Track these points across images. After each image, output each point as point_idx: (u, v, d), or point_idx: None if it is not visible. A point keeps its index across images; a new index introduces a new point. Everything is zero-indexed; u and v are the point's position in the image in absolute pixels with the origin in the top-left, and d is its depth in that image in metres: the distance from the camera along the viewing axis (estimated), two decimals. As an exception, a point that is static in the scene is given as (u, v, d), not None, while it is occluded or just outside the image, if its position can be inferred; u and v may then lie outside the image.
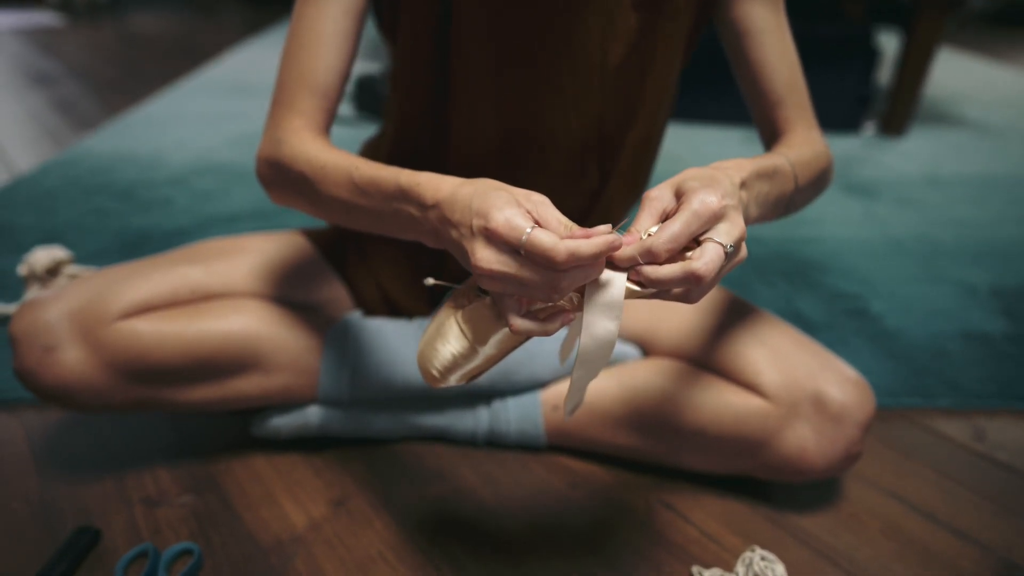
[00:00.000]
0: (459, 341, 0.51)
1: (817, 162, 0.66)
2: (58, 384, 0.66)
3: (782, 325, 0.76)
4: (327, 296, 0.80)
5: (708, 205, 0.46)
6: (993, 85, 2.80)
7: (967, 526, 0.74)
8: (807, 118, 0.71)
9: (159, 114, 2.00)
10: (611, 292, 0.46)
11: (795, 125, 0.70)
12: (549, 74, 0.68)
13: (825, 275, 1.26)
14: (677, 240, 0.45)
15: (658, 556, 0.69)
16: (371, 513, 0.73)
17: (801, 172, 0.62)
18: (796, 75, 0.70)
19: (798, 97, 0.70)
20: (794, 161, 0.62)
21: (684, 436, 0.73)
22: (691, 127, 2.08)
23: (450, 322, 0.52)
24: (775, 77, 0.69)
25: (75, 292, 0.68)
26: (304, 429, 0.78)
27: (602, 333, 0.46)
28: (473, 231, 0.46)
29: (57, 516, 0.71)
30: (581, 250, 0.43)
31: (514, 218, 0.44)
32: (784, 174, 0.59)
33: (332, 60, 0.64)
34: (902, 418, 0.91)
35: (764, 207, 0.57)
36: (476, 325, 0.50)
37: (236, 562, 0.66)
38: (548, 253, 0.42)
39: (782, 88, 0.70)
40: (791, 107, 0.70)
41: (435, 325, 0.53)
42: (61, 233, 1.26)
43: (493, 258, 0.45)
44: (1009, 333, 1.09)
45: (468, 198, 0.47)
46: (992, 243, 1.41)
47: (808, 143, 0.68)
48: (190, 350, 0.69)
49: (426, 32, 0.67)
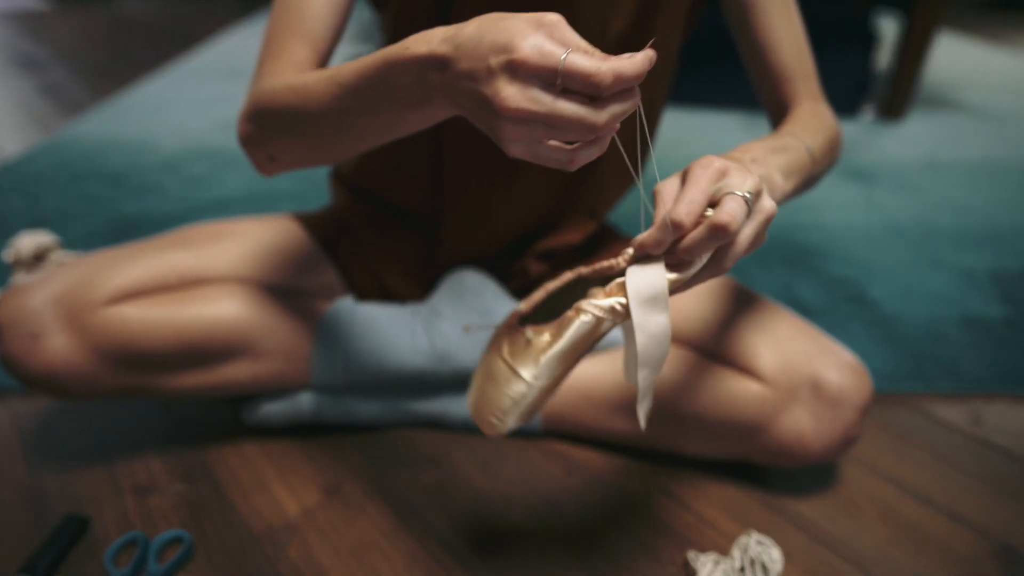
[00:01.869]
0: (511, 380, 0.50)
1: (825, 133, 0.65)
2: (45, 371, 0.65)
3: (780, 310, 0.75)
4: (319, 281, 0.79)
5: (708, 161, 0.45)
6: (993, 69, 2.78)
7: (964, 510, 0.74)
8: (813, 91, 0.70)
9: (149, 99, 1.97)
10: (653, 285, 0.45)
11: (801, 99, 0.69)
12: None
13: (824, 260, 1.25)
14: (693, 202, 0.43)
15: (654, 541, 0.69)
16: (365, 500, 0.72)
17: (813, 143, 0.61)
18: (803, 49, 0.69)
19: (804, 71, 0.69)
20: (801, 135, 0.61)
21: (681, 421, 0.73)
22: (690, 112, 2.07)
23: (497, 365, 0.51)
24: (781, 51, 0.68)
25: (61, 277, 0.67)
26: (297, 416, 0.77)
27: (655, 328, 0.45)
28: (492, 70, 0.39)
29: (46, 504, 0.70)
30: (625, 70, 0.38)
31: (544, 44, 0.38)
32: (794, 148, 0.59)
33: (323, 10, 0.62)
34: (900, 403, 0.90)
35: (790, 177, 0.57)
36: (523, 357, 0.49)
37: (228, 550, 0.66)
38: (592, 77, 0.38)
39: (788, 62, 0.68)
40: (798, 81, 0.69)
41: (482, 374, 0.53)
42: (50, 219, 1.25)
43: (522, 96, 0.39)
44: (1008, 318, 1.08)
45: (475, 37, 0.41)
46: (991, 228, 1.40)
47: (814, 115, 0.66)
48: (179, 336, 0.68)
49: (422, 2, 0.66)
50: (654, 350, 0.46)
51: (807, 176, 0.61)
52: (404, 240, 0.81)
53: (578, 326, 0.47)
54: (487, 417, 0.51)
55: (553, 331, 0.49)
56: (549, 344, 0.48)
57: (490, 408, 0.51)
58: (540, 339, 0.49)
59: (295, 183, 1.46)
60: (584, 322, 0.47)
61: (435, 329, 0.75)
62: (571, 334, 0.47)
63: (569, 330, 0.47)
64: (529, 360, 0.49)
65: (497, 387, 0.50)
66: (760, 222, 0.45)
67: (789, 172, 0.57)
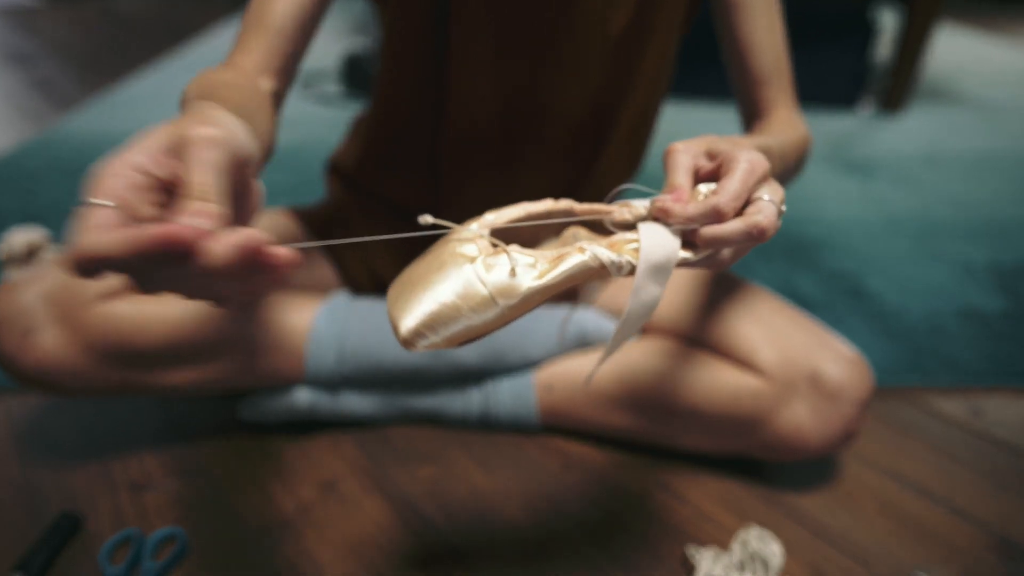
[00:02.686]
0: (477, 295, 0.40)
1: (798, 147, 0.65)
2: (38, 368, 0.65)
3: (779, 303, 0.74)
4: (314, 276, 0.78)
5: (760, 163, 0.44)
6: (993, 61, 2.78)
7: (964, 503, 0.74)
8: (789, 100, 0.70)
9: (142, 94, 1.96)
10: (667, 254, 0.43)
11: (777, 106, 0.69)
12: (549, 41, 0.67)
13: (822, 253, 1.24)
14: (740, 197, 0.43)
15: (653, 536, 0.68)
16: (361, 496, 0.72)
17: (787, 154, 0.61)
18: (782, 55, 0.69)
19: (782, 77, 0.69)
20: (780, 143, 0.60)
21: (679, 416, 0.72)
22: (684, 104, 2.06)
23: (461, 269, 0.40)
24: (761, 55, 0.68)
25: (52, 274, 0.66)
26: (292, 412, 0.77)
27: (649, 297, 0.44)
28: None
29: (40, 501, 0.69)
30: None
31: None
32: (773, 155, 0.58)
33: (288, 7, 0.61)
34: (899, 396, 0.90)
35: None
36: (498, 274, 0.40)
37: (224, 547, 0.65)
38: None
39: (768, 67, 0.69)
40: (775, 87, 0.69)
41: (428, 266, 0.42)
42: (43, 214, 1.23)
43: None
44: (1007, 311, 1.08)
45: None
46: (991, 221, 1.40)
47: (791, 126, 0.67)
48: (172, 332, 0.67)
49: None
50: (639, 317, 0.44)
51: None
52: (400, 234, 0.80)
53: (578, 264, 0.42)
54: (411, 319, 0.40)
55: (550, 260, 0.42)
56: (541, 274, 0.41)
57: (426, 311, 0.40)
58: (527, 264, 0.41)
59: (289, 177, 1.45)
60: (585, 263, 0.42)
61: (432, 324, 0.74)
62: (567, 269, 0.41)
63: (566, 264, 0.41)
64: (504, 281, 0.40)
65: (449, 292, 0.40)
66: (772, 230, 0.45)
67: None
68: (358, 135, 0.81)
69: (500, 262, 0.41)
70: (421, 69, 0.70)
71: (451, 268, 0.41)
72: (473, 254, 0.41)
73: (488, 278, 0.40)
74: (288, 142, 1.63)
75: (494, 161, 0.73)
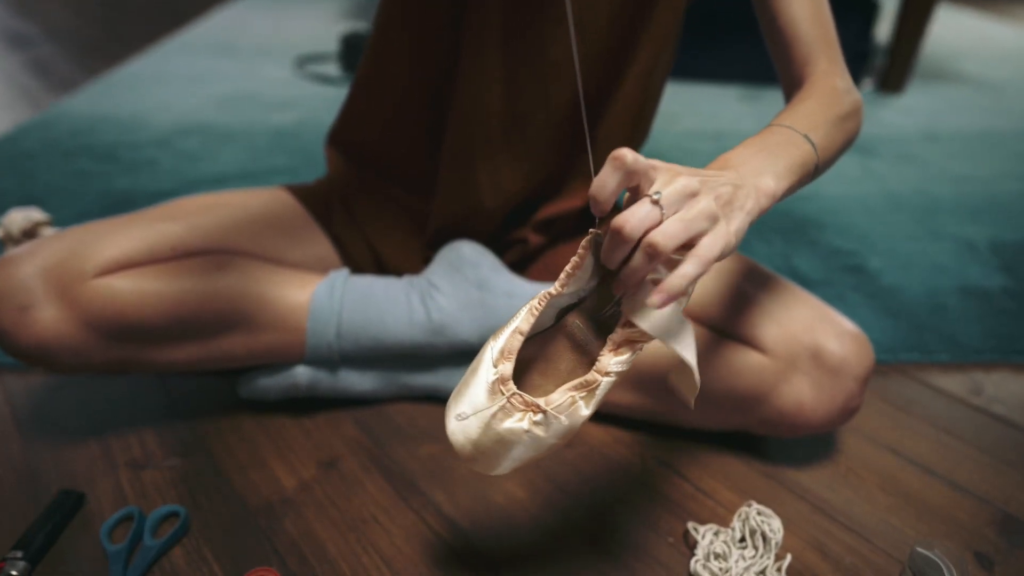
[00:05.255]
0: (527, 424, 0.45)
1: (835, 113, 0.60)
2: (35, 344, 0.64)
3: (779, 279, 0.74)
4: (313, 253, 0.78)
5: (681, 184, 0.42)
6: (992, 41, 2.75)
7: (964, 479, 0.74)
8: (829, 58, 0.64)
9: (141, 75, 1.94)
10: (670, 326, 0.44)
11: (815, 69, 0.64)
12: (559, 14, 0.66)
13: (823, 232, 1.24)
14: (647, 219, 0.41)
15: (654, 513, 0.68)
16: (362, 474, 0.72)
17: (816, 130, 0.57)
18: (821, 11, 0.64)
19: (820, 34, 0.64)
20: (802, 123, 0.56)
21: (680, 392, 0.72)
22: (688, 85, 2.04)
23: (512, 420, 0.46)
24: (794, 12, 0.64)
25: (50, 248, 0.66)
26: (292, 390, 0.77)
27: (685, 338, 0.45)
28: None
29: (41, 479, 0.69)
30: None
31: None
32: (789, 143, 0.54)
33: None
34: (900, 373, 0.90)
35: (786, 176, 0.52)
36: None
37: (224, 525, 0.65)
38: None
39: (803, 25, 0.64)
40: (812, 45, 0.64)
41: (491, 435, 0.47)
42: (41, 196, 1.23)
43: None
44: (1007, 288, 1.08)
45: None
46: (991, 199, 1.39)
47: (825, 94, 0.61)
48: (171, 308, 0.66)
49: None
50: (689, 344, 0.46)
51: (807, 170, 0.55)
52: (400, 210, 0.80)
53: (608, 384, 0.46)
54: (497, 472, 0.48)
55: (584, 388, 0.46)
56: (587, 403, 0.46)
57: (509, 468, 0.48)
58: (566, 406, 0.46)
59: (289, 158, 1.44)
60: (612, 382, 0.46)
61: (432, 301, 0.74)
62: (602, 393, 0.46)
63: (601, 390, 0.46)
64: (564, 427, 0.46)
65: (523, 456, 0.47)
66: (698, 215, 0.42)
67: (781, 172, 0.52)
68: (356, 103, 0.80)
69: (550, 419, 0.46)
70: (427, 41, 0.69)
71: (515, 444, 0.46)
72: (524, 428, 0.46)
73: (549, 435, 0.46)
74: (288, 123, 1.62)
75: (501, 132, 0.73)
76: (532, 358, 0.50)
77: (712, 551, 0.62)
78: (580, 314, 0.50)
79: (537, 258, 0.83)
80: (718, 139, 1.65)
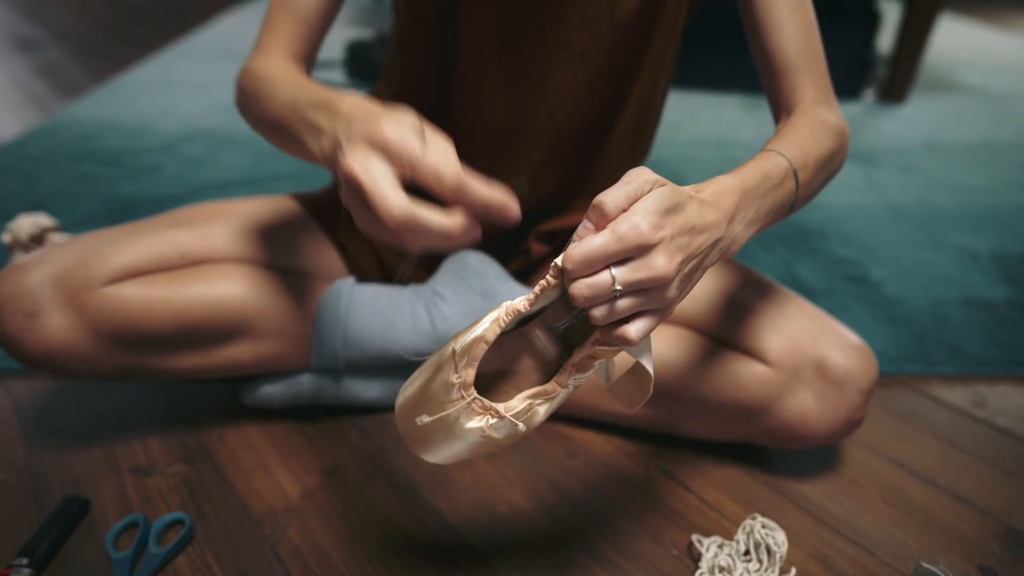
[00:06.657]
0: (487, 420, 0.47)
1: (823, 147, 0.59)
2: (42, 351, 0.65)
3: (784, 291, 0.74)
4: (319, 262, 0.78)
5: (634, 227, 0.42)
6: (994, 51, 2.76)
7: (968, 491, 0.74)
8: (817, 88, 0.64)
9: (147, 80, 1.95)
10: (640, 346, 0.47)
11: (804, 98, 0.63)
12: (557, 29, 0.66)
13: (825, 241, 1.24)
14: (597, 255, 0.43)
15: (657, 524, 0.68)
16: (366, 482, 0.72)
17: (802, 162, 0.56)
18: (810, 40, 0.64)
19: (810, 65, 0.63)
20: (791, 151, 0.55)
21: (684, 403, 0.72)
22: (688, 93, 2.05)
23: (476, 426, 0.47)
24: (782, 39, 0.63)
25: (59, 256, 0.66)
26: (297, 398, 0.77)
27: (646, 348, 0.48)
28: (359, 137, 0.45)
29: (45, 485, 0.69)
30: (471, 193, 0.45)
31: (407, 132, 0.45)
32: (775, 176, 0.53)
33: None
34: (902, 384, 0.90)
35: (762, 222, 0.52)
36: None
37: (229, 532, 0.65)
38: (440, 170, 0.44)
39: (790, 52, 0.63)
40: (801, 75, 0.63)
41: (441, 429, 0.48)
42: (47, 200, 1.23)
43: (359, 163, 0.44)
44: (1010, 299, 1.08)
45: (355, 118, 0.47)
46: (993, 209, 1.40)
47: (814, 124, 0.60)
48: (178, 316, 0.67)
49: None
50: (649, 353, 0.49)
51: (781, 215, 0.55)
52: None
53: (566, 394, 0.49)
54: (433, 459, 0.50)
55: (543, 396, 0.49)
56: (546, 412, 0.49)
57: (447, 460, 0.50)
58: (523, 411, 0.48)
59: (293, 165, 1.44)
60: (570, 391, 0.49)
61: (436, 310, 0.74)
62: (561, 399, 0.49)
63: (560, 398, 0.49)
64: (516, 432, 0.48)
65: (466, 452, 0.49)
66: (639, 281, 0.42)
67: (761, 220, 0.52)
68: None
69: (505, 423, 0.47)
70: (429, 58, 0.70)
71: (468, 443, 0.48)
72: (478, 426, 0.47)
73: (502, 437, 0.48)
74: (291, 130, 1.63)
75: (502, 147, 0.73)
76: (490, 360, 0.51)
77: (717, 564, 0.62)
78: (540, 324, 0.51)
79: (540, 268, 0.83)
80: (720, 147, 1.66)
